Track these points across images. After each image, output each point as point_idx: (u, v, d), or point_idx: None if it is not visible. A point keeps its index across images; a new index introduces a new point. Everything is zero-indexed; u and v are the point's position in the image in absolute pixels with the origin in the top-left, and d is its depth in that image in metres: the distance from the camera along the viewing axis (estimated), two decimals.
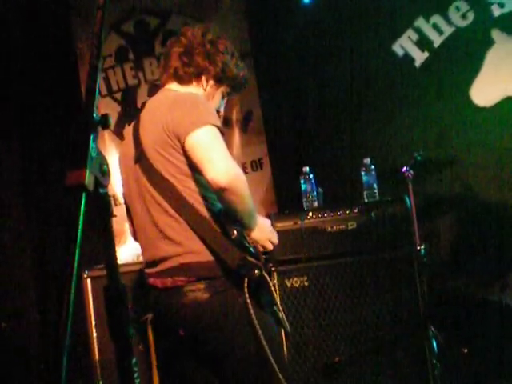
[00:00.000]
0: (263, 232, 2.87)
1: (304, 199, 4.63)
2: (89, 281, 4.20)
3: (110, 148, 5.25)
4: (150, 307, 2.91)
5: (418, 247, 4.26)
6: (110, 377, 4.12)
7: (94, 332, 4.19)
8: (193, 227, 2.75)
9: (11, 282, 5.16)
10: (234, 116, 5.34)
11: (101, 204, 1.60)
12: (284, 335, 4.00)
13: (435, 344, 4.11)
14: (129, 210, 3.02)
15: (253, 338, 2.68)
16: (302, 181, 4.64)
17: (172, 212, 2.77)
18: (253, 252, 2.73)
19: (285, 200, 5.24)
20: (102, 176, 1.57)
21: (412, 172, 4.37)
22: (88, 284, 4.20)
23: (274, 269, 4.18)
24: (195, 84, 3.01)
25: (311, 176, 4.64)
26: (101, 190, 1.58)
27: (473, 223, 5.14)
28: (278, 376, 2.68)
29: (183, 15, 5.39)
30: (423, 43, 5.31)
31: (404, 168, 4.39)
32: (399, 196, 4.42)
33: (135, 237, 3.04)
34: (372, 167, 4.65)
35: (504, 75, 5.13)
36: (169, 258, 2.79)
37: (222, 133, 2.75)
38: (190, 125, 2.69)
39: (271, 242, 2.92)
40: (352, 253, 4.30)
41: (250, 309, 2.66)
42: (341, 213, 4.34)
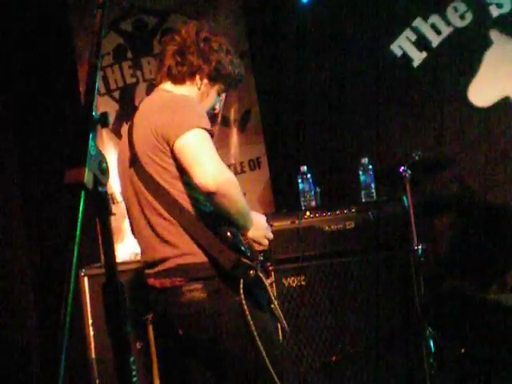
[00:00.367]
0: (258, 229, 2.88)
1: (302, 199, 4.64)
2: (86, 279, 4.20)
3: (108, 146, 5.25)
4: (150, 307, 2.93)
5: (416, 247, 4.27)
6: (107, 375, 4.12)
7: (91, 330, 4.18)
8: (187, 230, 2.77)
9: (9, 281, 5.16)
10: (232, 115, 5.33)
11: (100, 202, 1.60)
12: (281, 333, 4.00)
13: (432, 344, 4.11)
14: (128, 211, 3.03)
15: (248, 338, 2.69)
16: (300, 180, 4.64)
17: (167, 215, 2.79)
18: (247, 253, 2.72)
19: (282, 199, 5.24)
20: (101, 174, 1.57)
21: (409, 172, 4.37)
22: (85, 282, 4.20)
23: (272, 268, 4.18)
24: (189, 83, 3.00)
25: (309, 175, 4.64)
26: (100, 189, 1.58)
27: (470, 223, 5.14)
28: (272, 376, 2.69)
29: (182, 14, 5.39)
30: (421, 43, 5.31)
31: (401, 168, 4.39)
32: (397, 196, 4.43)
33: (135, 236, 3.05)
34: (370, 167, 4.66)
35: (502, 76, 5.14)
36: (166, 260, 2.81)
37: (212, 135, 2.75)
38: (179, 128, 2.69)
39: (267, 238, 2.93)
40: (349, 252, 4.30)
41: (246, 309, 2.68)
42: (338, 212, 4.34)
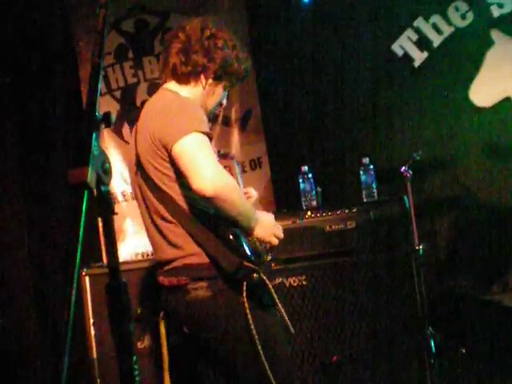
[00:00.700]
0: (266, 228, 2.84)
1: (303, 198, 4.64)
2: (87, 278, 4.20)
3: (109, 146, 5.25)
4: (161, 305, 2.94)
5: (417, 247, 4.27)
6: (108, 375, 4.13)
7: (92, 330, 4.19)
8: (189, 233, 2.78)
9: (9, 280, 5.16)
10: (233, 115, 5.33)
11: (103, 202, 1.60)
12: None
13: (433, 344, 4.11)
14: (140, 213, 3.04)
15: (249, 341, 2.68)
16: (301, 180, 4.64)
17: (170, 218, 2.80)
18: (250, 255, 2.70)
19: (283, 199, 5.24)
20: (104, 174, 1.57)
21: (411, 172, 4.38)
22: (86, 282, 4.20)
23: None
24: (194, 83, 2.96)
25: (310, 175, 4.65)
26: (103, 188, 1.58)
27: (471, 223, 5.14)
28: (270, 379, 2.68)
29: (183, 14, 5.39)
30: (423, 43, 5.31)
31: (403, 168, 4.39)
32: (398, 196, 4.43)
33: (147, 237, 3.06)
34: (371, 167, 4.67)
35: (503, 76, 5.14)
36: (174, 260, 2.83)
37: (211, 138, 2.73)
38: (176, 133, 2.67)
39: (276, 237, 2.90)
40: (350, 252, 4.31)
41: (248, 313, 2.67)
42: (339, 212, 4.35)
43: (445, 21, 5.26)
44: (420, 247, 4.26)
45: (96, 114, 1.57)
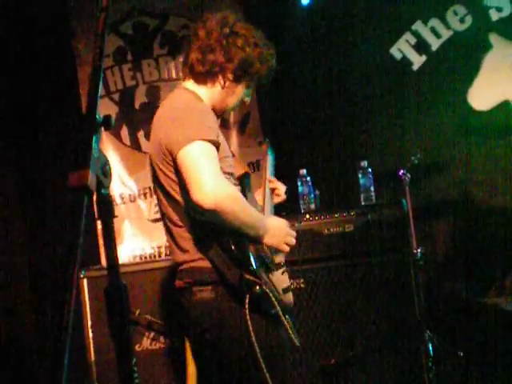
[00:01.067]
0: (276, 236, 2.79)
1: (301, 201, 4.65)
2: (85, 281, 4.20)
3: (108, 148, 5.25)
4: (175, 308, 2.96)
5: (415, 250, 4.26)
6: (106, 377, 4.13)
7: (90, 332, 4.19)
8: (195, 239, 2.78)
9: (6, 282, 5.15)
10: (232, 118, 5.34)
11: (103, 205, 1.61)
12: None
13: (431, 347, 4.11)
14: None
15: (249, 352, 2.65)
16: (299, 183, 4.65)
17: (179, 223, 2.81)
18: (253, 267, 2.65)
19: (282, 202, 5.23)
20: (104, 177, 1.58)
21: (409, 175, 4.37)
22: (84, 284, 4.20)
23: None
24: (211, 83, 2.90)
25: (308, 178, 4.65)
26: (103, 191, 1.58)
27: (469, 227, 5.14)
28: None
29: (181, 17, 5.39)
30: (421, 47, 5.31)
31: (401, 171, 4.39)
32: (396, 199, 4.44)
33: None
34: (369, 170, 4.68)
35: (502, 79, 5.15)
36: (183, 263, 2.84)
37: (217, 145, 2.68)
38: (180, 141, 2.63)
39: (288, 244, 2.86)
40: (348, 255, 4.31)
41: (249, 323, 2.63)
42: (337, 215, 4.36)
43: (443, 24, 5.27)
44: (418, 250, 4.26)
45: (96, 117, 1.57)
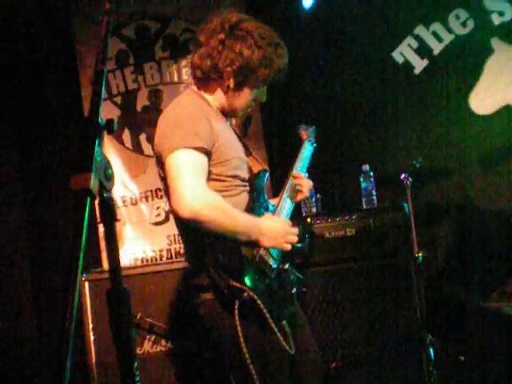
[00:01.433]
0: (273, 238, 2.78)
1: (303, 205, 4.64)
2: (87, 284, 4.20)
3: (110, 152, 5.25)
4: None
5: (416, 254, 4.26)
6: (107, 380, 4.12)
7: (92, 335, 4.19)
8: (194, 245, 2.82)
9: (8, 284, 5.15)
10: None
11: (105, 208, 1.61)
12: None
13: (432, 351, 4.11)
14: None
15: (238, 354, 2.65)
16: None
17: (181, 227, 2.88)
18: (239, 275, 2.65)
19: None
20: (106, 180, 1.58)
21: (411, 179, 4.37)
22: (86, 287, 4.20)
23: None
24: (213, 89, 2.90)
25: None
26: (105, 194, 1.58)
27: (471, 231, 5.14)
28: None
29: (183, 20, 5.40)
30: (423, 51, 5.31)
31: (403, 175, 4.39)
32: (398, 203, 4.44)
33: None
34: (371, 174, 4.68)
35: (503, 83, 5.14)
36: (188, 265, 2.91)
37: (205, 151, 2.67)
38: (167, 148, 2.66)
39: (289, 243, 2.84)
40: (350, 259, 4.32)
41: (239, 330, 2.61)
42: (339, 219, 4.36)
43: (445, 28, 5.27)
44: (419, 254, 4.26)
45: (99, 121, 1.57)
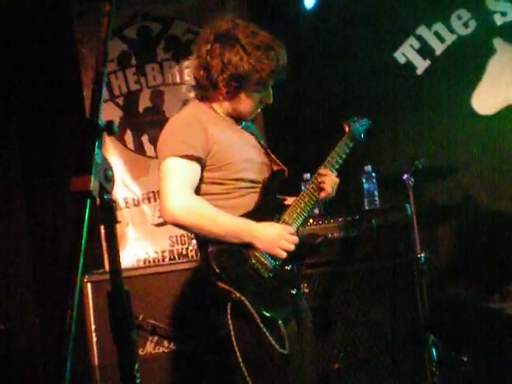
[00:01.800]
0: (267, 242, 2.81)
1: None
2: (89, 285, 4.20)
3: (112, 153, 5.25)
4: None
5: (419, 255, 4.25)
6: (110, 381, 4.12)
7: (94, 336, 4.18)
8: (197, 245, 2.98)
9: (10, 285, 5.16)
10: None
11: (105, 210, 1.61)
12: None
13: (435, 352, 4.10)
14: None
15: (234, 361, 2.71)
16: (303, 187, 4.63)
17: None
18: (226, 276, 2.72)
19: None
20: (107, 182, 1.58)
21: (413, 180, 4.36)
22: (88, 289, 4.21)
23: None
24: (212, 97, 2.98)
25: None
26: (105, 196, 1.58)
27: (473, 231, 5.14)
28: None
29: (185, 21, 5.40)
30: (425, 51, 5.31)
31: (405, 176, 4.38)
32: (400, 204, 4.42)
33: None
34: (373, 175, 4.67)
35: (505, 84, 5.14)
36: None
37: (195, 158, 2.77)
38: (159, 157, 2.82)
39: (283, 249, 2.86)
40: (352, 260, 4.31)
41: (231, 330, 2.68)
42: (341, 220, 4.35)
43: (447, 29, 5.27)
44: (422, 255, 4.24)
45: (99, 122, 1.57)
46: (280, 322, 2.80)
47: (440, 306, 4.71)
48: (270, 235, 2.83)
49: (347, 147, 3.37)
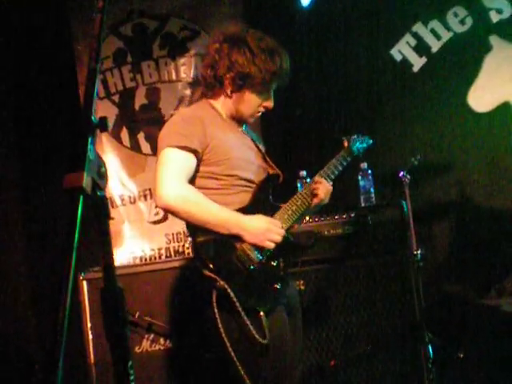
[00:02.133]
0: (255, 235, 2.91)
1: None
2: (85, 283, 4.20)
3: (108, 150, 5.25)
4: None
5: (415, 252, 4.25)
6: (106, 379, 4.12)
7: (90, 334, 4.18)
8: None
9: (6, 283, 5.15)
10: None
11: (98, 206, 1.61)
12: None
13: (431, 349, 4.11)
14: None
15: (221, 342, 2.80)
16: (299, 185, 4.64)
17: None
18: (211, 265, 2.80)
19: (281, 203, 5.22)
20: (100, 178, 1.58)
21: (409, 177, 4.36)
22: (84, 286, 4.20)
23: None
24: (216, 96, 3.13)
25: (308, 180, 4.63)
26: (98, 193, 1.58)
27: (469, 228, 5.14)
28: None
29: (181, 18, 5.40)
30: (421, 48, 5.31)
31: (401, 173, 4.37)
32: (396, 201, 4.42)
33: None
34: (369, 172, 4.67)
35: (502, 81, 5.14)
36: None
37: (191, 150, 2.89)
38: (158, 148, 2.93)
39: (271, 241, 2.94)
40: (348, 257, 4.31)
41: (218, 320, 2.78)
42: (337, 217, 4.36)
43: (443, 26, 5.26)
44: (418, 252, 4.24)
45: (92, 119, 1.57)
46: (262, 313, 2.85)
47: (436, 303, 4.72)
48: (258, 228, 2.92)
49: (344, 160, 3.46)
